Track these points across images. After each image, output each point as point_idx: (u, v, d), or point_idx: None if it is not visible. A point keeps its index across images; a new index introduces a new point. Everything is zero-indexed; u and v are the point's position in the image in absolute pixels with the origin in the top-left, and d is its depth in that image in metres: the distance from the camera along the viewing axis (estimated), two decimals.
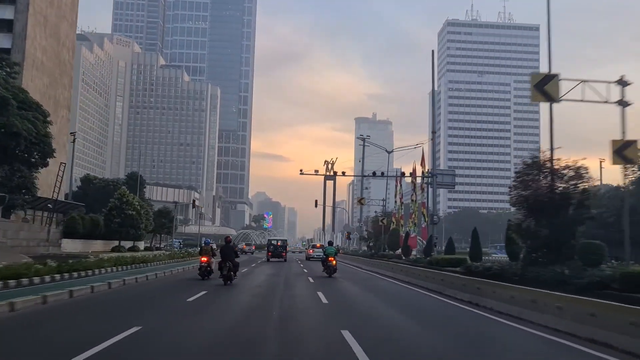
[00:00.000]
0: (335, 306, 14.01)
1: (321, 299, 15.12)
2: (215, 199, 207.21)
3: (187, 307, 12.83)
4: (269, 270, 30.48)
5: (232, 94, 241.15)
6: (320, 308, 13.47)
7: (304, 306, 13.66)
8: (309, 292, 17.42)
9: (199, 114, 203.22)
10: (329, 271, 25.19)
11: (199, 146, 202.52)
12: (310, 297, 15.96)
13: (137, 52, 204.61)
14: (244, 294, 16.57)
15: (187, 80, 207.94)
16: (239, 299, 15.06)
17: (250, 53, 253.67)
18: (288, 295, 16.32)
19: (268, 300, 14.72)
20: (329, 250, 26.08)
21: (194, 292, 16.06)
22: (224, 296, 15.93)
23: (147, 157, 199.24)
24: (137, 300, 14.57)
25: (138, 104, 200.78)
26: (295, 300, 14.87)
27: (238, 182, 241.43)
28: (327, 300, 14.81)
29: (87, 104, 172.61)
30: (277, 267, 33.07)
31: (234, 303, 14.18)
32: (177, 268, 27.92)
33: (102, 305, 12.99)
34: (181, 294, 15.80)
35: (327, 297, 15.62)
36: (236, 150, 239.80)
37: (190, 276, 23.12)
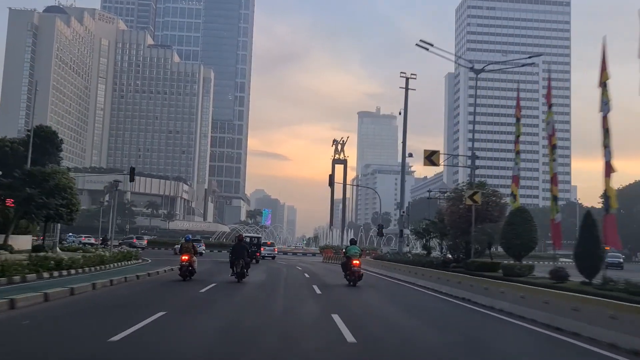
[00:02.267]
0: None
1: (342, 333, 9.10)
2: (207, 193, 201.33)
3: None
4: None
5: (228, 79, 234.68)
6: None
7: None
8: (319, 317, 11.32)
9: (190, 99, 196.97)
10: (352, 278, 20.54)
11: (190, 134, 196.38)
12: (323, 328, 9.87)
13: (122, 30, 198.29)
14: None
15: (177, 61, 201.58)
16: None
17: (248, 37, 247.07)
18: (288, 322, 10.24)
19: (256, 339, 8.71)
20: (352, 250, 21.30)
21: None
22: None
23: (132, 145, 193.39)
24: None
25: (122, 86, 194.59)
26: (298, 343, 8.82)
27: (233, 175, 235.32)
28: (354, 337, 8.79)
29: (62, 84, 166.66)
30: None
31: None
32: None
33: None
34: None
35: (352, 328, 9.55)
36: (232, 141, 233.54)
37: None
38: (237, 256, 19.87)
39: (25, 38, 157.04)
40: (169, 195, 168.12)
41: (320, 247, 67.67)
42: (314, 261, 45.18)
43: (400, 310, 14.33)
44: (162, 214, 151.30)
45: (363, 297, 17.15)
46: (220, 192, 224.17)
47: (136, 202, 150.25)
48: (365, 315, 12.85)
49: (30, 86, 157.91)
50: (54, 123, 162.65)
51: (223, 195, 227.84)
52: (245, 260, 19.89)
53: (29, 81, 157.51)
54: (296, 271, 30.48)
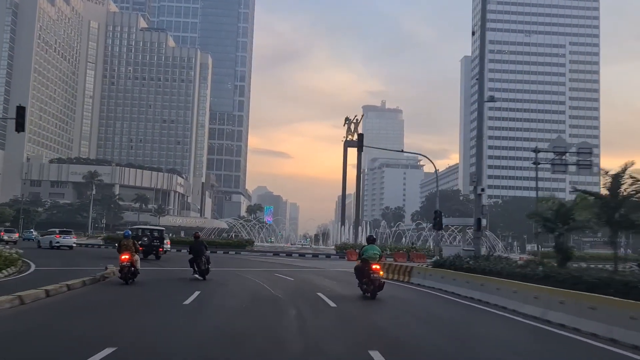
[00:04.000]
0: None
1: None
2: (205, 187, 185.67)
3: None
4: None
5: (228, 68, 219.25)
6: None
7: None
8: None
9: (186, 86, 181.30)
10: (370, 288, 14.67)
11: (186, 124, 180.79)
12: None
13: (114, 12, 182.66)
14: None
15: (172, 46, 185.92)
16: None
17: (249, 22, 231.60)
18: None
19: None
20: (370, 251, 15.27)
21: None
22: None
23: (123, 135, 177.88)
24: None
25: (113, 72, 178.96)
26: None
27: (233, 169, 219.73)
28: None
29: (46, 68, 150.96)
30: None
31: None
32: None
33: None
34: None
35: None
36: (231, 134, 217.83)
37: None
38: (197, 254, 19.23)
39: (3, 16, 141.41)
40: (162, 188, 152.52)
41: (337, 245, 51.82)
42: (337, 269, 29.52)
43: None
44: (152, 208, 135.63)
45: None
46: (219, 186, 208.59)
47: (126, 196, 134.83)
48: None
49: (9, 69, 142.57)
50: (36, 110, 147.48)
51: (222, 190, 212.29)
52: (206, 257, 19.27)
53: (8, 63, 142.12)
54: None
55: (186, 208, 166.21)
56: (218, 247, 49.17)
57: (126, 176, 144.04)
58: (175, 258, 32.71)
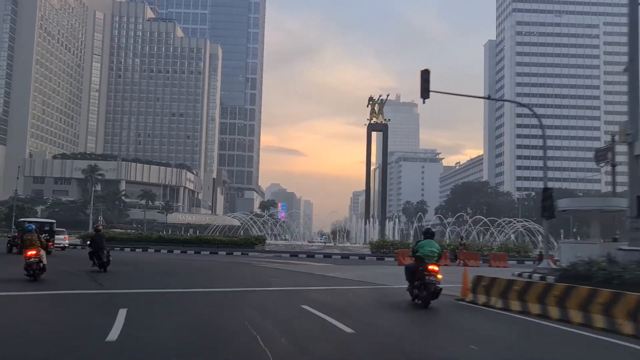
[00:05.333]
0: None
1: None
2: (216, 183, 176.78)
3: None
4: None
5: (239, 60, 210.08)
6: None
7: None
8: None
9: (195, 78, 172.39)
10: (424, 293, 11.33)
11: (196, 117, 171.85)
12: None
13: (120, 2, 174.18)
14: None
15: (180, 36, 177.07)
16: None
17: (260, 13, 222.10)
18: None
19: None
20: (427, 247, 11.69)
21: None
22: None
23: (130, 130, 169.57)
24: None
25: (120, 65, 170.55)
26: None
27: (245, 164, 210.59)
28: None
29: (48, 60, 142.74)
30: None
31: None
32: None
33: None
34: None
35: None
36: (243, 128, 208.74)
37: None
38: (97, 247, 19.15)
39: (2, 5, 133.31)
40: (171, 184, 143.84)
41: (373, 243, 41.68)
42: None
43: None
44: (159, 205, 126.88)
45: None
46: (231, 182, 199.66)
47: (132, 193, 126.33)
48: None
49: (10, 60, 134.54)
50: (39, 103, 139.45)
51: (234, 186, 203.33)
52: (106, 250, 19.19)
53: (8, 55, 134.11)
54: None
55: (196, 205, 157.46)
56: (220, 247, 39.73)
57: (132, 172, 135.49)
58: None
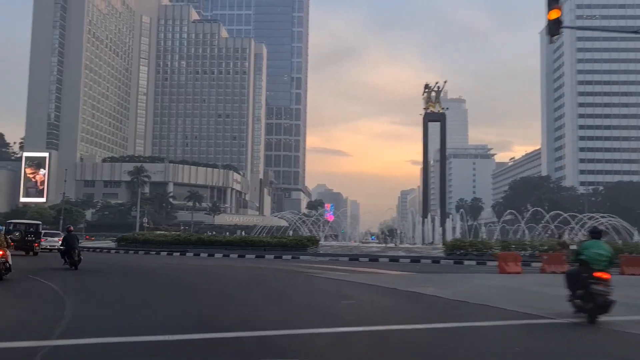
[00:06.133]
0: None
1: None
2: (263, 184, 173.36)
3: None
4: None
5: (283, 60, 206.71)
6: None
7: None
8: None
9: (240, 78, 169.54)
10: (589, 305, 8.35)
11: (242, 118, 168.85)
12: None
13: (165, 5, 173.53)
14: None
15: (225, 36, 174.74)
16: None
17: (304, 11, 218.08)
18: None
19: None
20: (593, 249, 8.71)
21: None
22: None
23: (177, 132, 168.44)
24: None
25: (166, 68, 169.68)
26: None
27: (292, 165, 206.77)
28: None
29: (97, 64, 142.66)
30: None
31: None
32: None
33: None
34: None
35: None
36: (289, 128, 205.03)
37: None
38: (70, 246, 20.10)
39: (52, 11, 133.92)
40: (218, 185, 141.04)
41: (448, 244, 34.90)
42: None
43: None
44: (206, 207, 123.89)
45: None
46: (277, 183, 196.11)
47: (180, 195, 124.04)
48: None
49: (60, 66, 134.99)
50: (89, 107, 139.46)
51: (281, 187, 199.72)
52: (78, 249, 20.19)
53: (59, 60, 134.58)
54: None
55: (243, 206, 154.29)
56: (267, 249, 34.43)
57: (180, 173, 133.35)
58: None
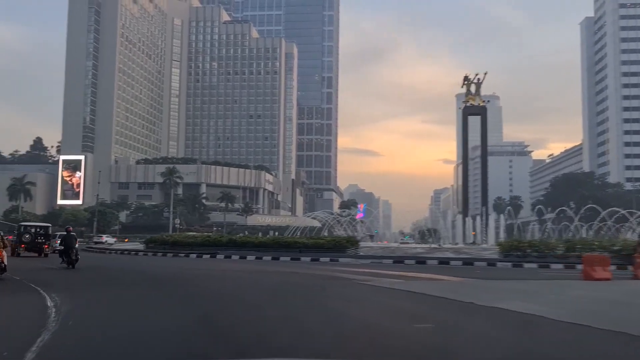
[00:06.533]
0: None
1: None
2: (295, 184, 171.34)
3: None
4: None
5: (314, 59, 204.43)
6: None
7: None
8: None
9: (271, 78, 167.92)
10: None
11: (273, 118, 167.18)
12: None
13: (196, 7, 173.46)
14: None
15: (255, 37, 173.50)
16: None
17: (334, 9, 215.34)
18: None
19: None
20: None
21: None
22: None
23: (209, 133, 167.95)
24: None
25: (198, 69, 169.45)
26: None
27: (324, 165, 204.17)
28: None
29: (130, 67, 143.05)
30: None
31: None
32: None
33: None
34: None
35: None
36: (320, 128, 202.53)
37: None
38: (67, 246, 20.88)
39: (87, 16, 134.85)
40: (250, 186, 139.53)
41: (503, 244, 31.15)
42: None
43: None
44: (239, 207, 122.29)
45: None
46: (309, 183, 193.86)
47: (212, 195, 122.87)
48: None
49: (94, 70, 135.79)
50: (122, 110, 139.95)
51: (313, 187, 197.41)
52: (75, 249, 20.96)
53: (93, 64, 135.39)
54: None
55: (276, 206, 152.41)
56: (303, 251, 31.68)
57: (212, 174, 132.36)
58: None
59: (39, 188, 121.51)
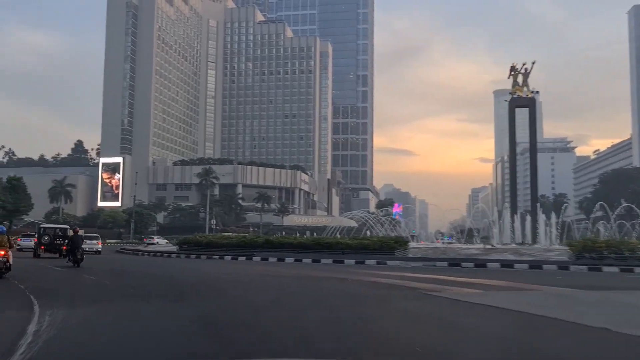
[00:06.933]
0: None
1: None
2: (330, 184, 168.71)
3: None
4: None
5: (349, 58, 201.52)
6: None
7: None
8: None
9: (306, 77, 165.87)
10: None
11: (308, 117, 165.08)
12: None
13: (231, 8, 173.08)
14: None
15: (290, 36, 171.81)
16: None
17: (369, 7, 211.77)
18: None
19: None
20: None
21: None
22: None
23: (245, 134, 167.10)
24: None
25: (233, 70, 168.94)
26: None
27: (359, 164, 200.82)
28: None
29: (167, 69, 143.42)
30: None
31: None
32: None
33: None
34: None
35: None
36: (356, 127, 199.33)
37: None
38: (74, 246, 21.98)
39: (125, 19, 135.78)
40: (286, 186, 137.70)
41: (576, 245, 27.45)
42: None
43: None
44: (275, 208, 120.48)
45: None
46: (345, 183, 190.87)
47: (248, 196, 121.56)
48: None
49: (132, 72, 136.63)
50: (159, 112, 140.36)
51: (349, 186, 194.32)
52: (81, 248, 22.07)
53: (131, 67, 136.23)
54: None
55: (312, 206, 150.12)
56: (346, 253, 28.97)
57: (248, 175, 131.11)
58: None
59: (79, 190, 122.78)
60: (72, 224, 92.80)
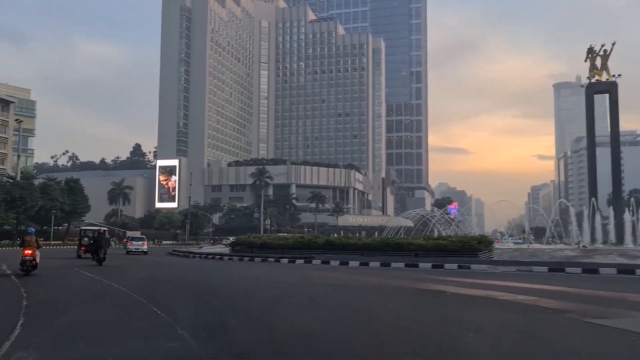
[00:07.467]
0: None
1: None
2: (385, 183, 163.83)
3: None
4: None
5: (402, 54, 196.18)
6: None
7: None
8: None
9: (359, 75, 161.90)
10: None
11: (361, 116, 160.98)
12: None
13: (282, 8, 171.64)
14: None
15: (342, 34, 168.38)
16: None
17: (421, 1, 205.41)
18: None
19: None
20: None
21: None
22: None
23: (298, 134, 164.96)
24: None
25: (285, 70, 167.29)
26: None
27: (414, 162, 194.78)
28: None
29: (220, 71, 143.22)
30: None
31: None
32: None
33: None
34: None
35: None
36: (410, 125, 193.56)
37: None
38: (98, 246, 23.25)
39: (179, 23, 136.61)
40: (340, 186, 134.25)
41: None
42: None
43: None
44: (329, 208, 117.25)
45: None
46: (400, 182, 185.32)
47: (302, 196, 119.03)
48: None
49: (187, 75, 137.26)
50: (214, 114, 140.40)
51: (404, 186, 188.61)
52: (104, 248, 23.21)
53: (185, 69, 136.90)
54: None
55: (367, 206, 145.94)
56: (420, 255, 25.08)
57: (302, 175, 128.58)
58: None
59: (137, 192, 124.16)
60: (130, 226, 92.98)
